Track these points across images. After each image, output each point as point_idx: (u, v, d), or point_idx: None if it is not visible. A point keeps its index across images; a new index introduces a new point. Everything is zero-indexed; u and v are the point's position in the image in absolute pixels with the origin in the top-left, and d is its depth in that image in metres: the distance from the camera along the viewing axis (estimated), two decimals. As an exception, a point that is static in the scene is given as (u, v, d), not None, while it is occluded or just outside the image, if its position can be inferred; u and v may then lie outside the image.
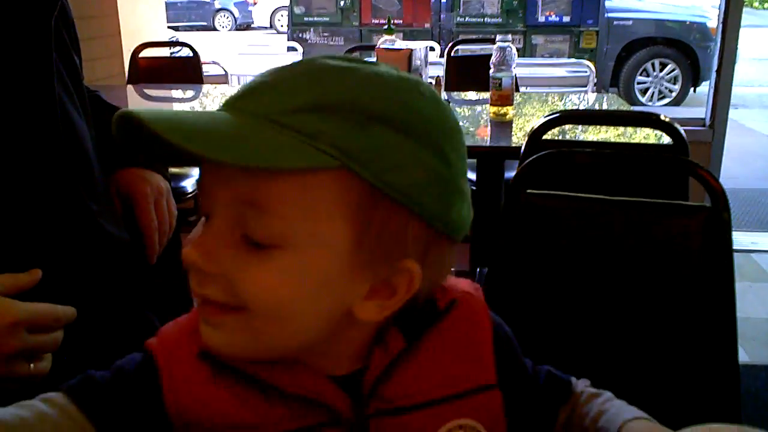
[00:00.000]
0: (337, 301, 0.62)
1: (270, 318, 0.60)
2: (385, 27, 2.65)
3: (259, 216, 0.58)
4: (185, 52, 3.71)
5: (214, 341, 0.62)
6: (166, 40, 4.63)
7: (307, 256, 0.59)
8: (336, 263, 0.60)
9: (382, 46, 2.46)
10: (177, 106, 3.06)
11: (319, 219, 0.58)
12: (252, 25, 16.59)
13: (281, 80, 0.60)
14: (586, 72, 5.90)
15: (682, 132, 1.57)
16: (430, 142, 0.60)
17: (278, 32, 14.43)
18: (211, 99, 3.06)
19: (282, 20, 14.69)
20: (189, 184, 2.86)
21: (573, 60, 7.25)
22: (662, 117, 1.61)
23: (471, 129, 2.43)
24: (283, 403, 0.65)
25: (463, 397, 0.70)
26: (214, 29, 15.61)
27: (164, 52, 4.15)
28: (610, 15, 7.84)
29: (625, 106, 2.94)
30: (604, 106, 3.04)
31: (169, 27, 5.49)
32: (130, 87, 3.33)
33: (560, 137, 2.15)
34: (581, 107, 2.98)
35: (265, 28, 15.41)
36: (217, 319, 0.61)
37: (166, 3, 4.84)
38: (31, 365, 0.83)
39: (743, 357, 2.68)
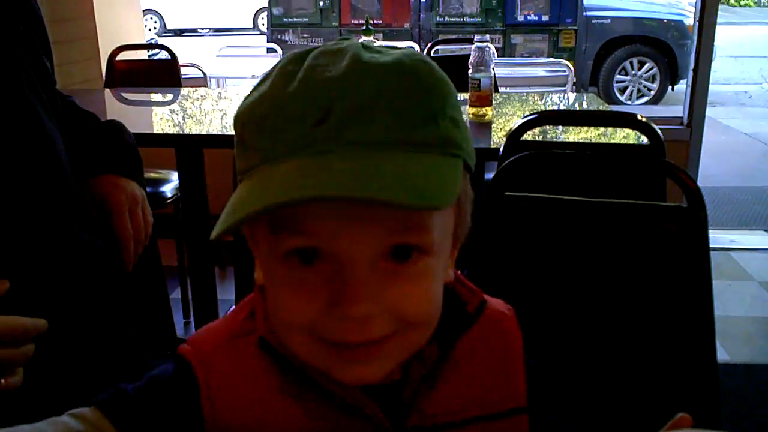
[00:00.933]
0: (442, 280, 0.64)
1: (428, 324, 0.62)
2: (364, 28, 2.64)
3: (415, 235, 0.57)
4: (163, 55, 3.68)
5: (369, 375, 0.61)
6: (144, 42, 4.59)
7: (439, 252, 0.60)
8: (449, 247, 0.63)
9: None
10: (156, 110, 3.04)
11: (446, 214, 0.61)
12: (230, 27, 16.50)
13: (374, 97, 0.55)
14: (564, 71, 5.92)
15: (659, 132, 1.58)
16: (446, 114, 0.59)
17: (262, 33, 14.34)
18: (191, 102, 3.04)
19: (265, 21, 14.65)
20: (168, 189, 2.84)
21: (552, 59, 7.28)
22: (639, 117, 1.62)
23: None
24: (325, 409, 0.64)
25: (496, 419, 0.70)
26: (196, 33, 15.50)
27: (142, 55, 4.12)
28: (589, 13, 7.88)
29: (603, 106, 2.95)
30: (584, 106, 3.06)
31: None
32: (107, 91, 3.30)
33: (540, 137, 2.16)
34: (561, 107, 2.99)
35: (248, 29, 15.30)
36: (373, 354, 0.59)
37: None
38: (2, 380, 0.82)
39: (723, 355, 2.70)
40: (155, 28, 15.63)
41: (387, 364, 0.61)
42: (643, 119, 1.61)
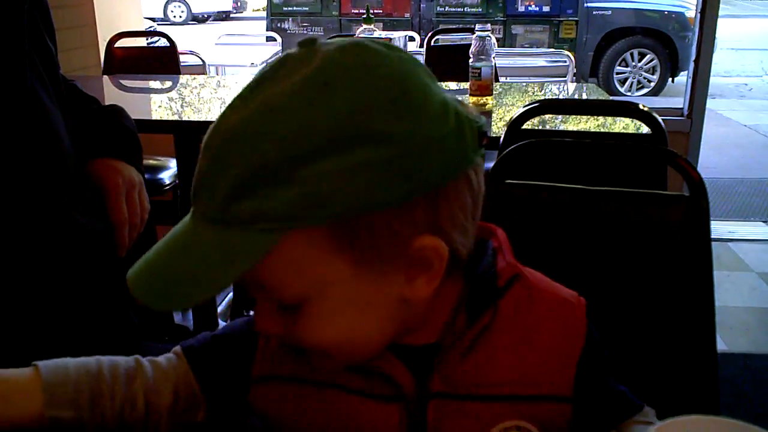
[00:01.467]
0: (385, 304, 0.64)
1: (341, 351, 0.65)
2: (364, 17, 2.63)
3: (272, 291, 0.62)
4: (162, 42, 3.66)
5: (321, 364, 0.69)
6: (143, 29, 4.57)
7: (328, 297, 0.62)
8: (354, 286, 0.62)
9: (361, 36, 2.44)
10: (154, 98, 3.02)
11: (315, 267, 0.60)
12: (231, 15, 16.45)
13: (207, 170, 0.59)
14: (565, 62, 5.91)
15: (661, 122, 1.57)
16: (353, 139, 0.55)
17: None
18: (189, 90, 3.02)
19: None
20: (167, 176, 2.83)
21: (552, 50, 7.27)
22: (641, 106, 1.61)
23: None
24: (351, 369, 0.69)
25: (531, 401, 0.70)
26: (167, 20, 15.42)
27: (141, 42, 4.10)
28: (590, 5, 7.86)
29: (604, 96, 2.94)
30: (584, 96, 3.05)
31: (145, 17, 5.43)
32: (105, 77, 3.28)
33: (540, 127, 2.15)
34: (561, 97, 2.98)
35: (252, 19, 15.24)
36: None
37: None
38: None
39: (720, 345, 2.69)
40: (182, 16, 15.57)
41: (333, 362, 0.68)
42: (645, 108, 1.60)
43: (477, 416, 0.69)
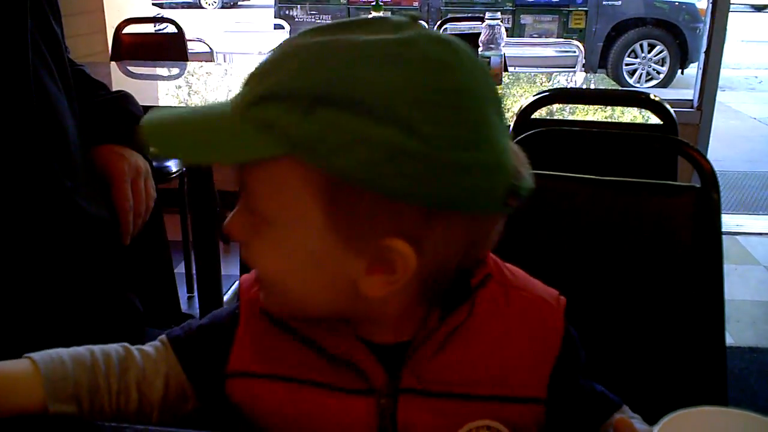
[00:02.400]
0: (335, 275, 0.64)
1: (276, 289, 0.67)
2: (373, 4, 2.62)
3: (250, 195, 0.64)
4: (170, 29, 3.65)
5: (263, 302, 0.70)
6: (151, 16, 4.56)
7: (291, 232, 0.63)
8: (318, 240, 0.62)
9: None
10: (162, 85, 3.02)
11: (291, 199, 0.61)
12: (239, 3, 16.41)
13: (258, 69, 0.63)
14: (574, 52, 5.87)
15: (672, 112, 1.56)
16: (391, 116, 0.56)
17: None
18: (197, 78, 3.02)
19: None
20: (173, 164, 2.82)
21: (562, 40, 7.23)
22: (652, 96, 1.60)
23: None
24: (324, 363, 0.69)
25: (503, 401, 0.69)
26: (200, 6, 15.41)
27: (148, 28, 4.09)
28: (600, -5, 7.80)
29: (614, 86, 2.92)
30: (593, 86, 3.03)
31: (153, 4, 5.42)
32: (113, 64, 3.28)
33: (548, 118, 2.14)
34: (570, 87, 2.96)
35: (260, 6, 15.19)
36: (258, 284, 0.70)
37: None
38: None
39: (727, 339, 2.68)
40: (215, 2, 15.51)
41: (267, 300, 0.70)
42: (657, 99, 1.59)
43: (447, 414, 0.69)
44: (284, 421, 0.71)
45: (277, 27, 6.96)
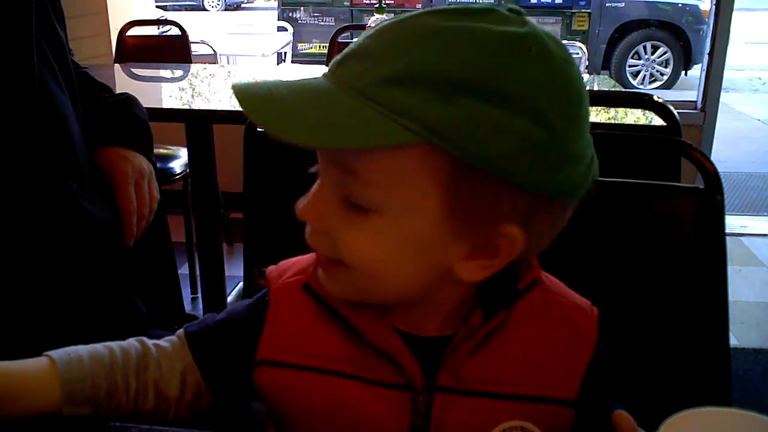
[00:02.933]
0: (434, 262, 0.64)
1: (366, 275, 0.64)
2: (376, 6, 2.62)
3: (356, 182, 0.60)
4: (173, 31, 3.66)
5: (327, 286, 0.68)
6: (154, 18, 4.57)
7: (401, 221, 0.61)
8: (429, 228, 0.61)
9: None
10: (165, 86, 3.03)
11: (410, 188, 0.60)
12: (242, 5, 16.44)
13: (377, 46, 0.60)
14: (578, 54, 5.86)
15: (676, 113, 1.56)
16: (525, 107, 0.57)
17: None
18: (200, 80, 3.02)
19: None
20: (177, 166, 2.83)
21: (565, 42, 7.21)
22: (655, 98, 1.60)
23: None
24: (363, 352, 0.69)
25: (536, 402, 0.70)
26: (204, 9, 15.44)
27: (152, 30, 4.10)
28: (603, -3, 7.80)
29: (617, 88, 2.92)
30: (596, 88, 3.02)
31: (157, 6, 5.43)
32: (117, 66, 3.28)
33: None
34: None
35: (263, 9, 15.20)
36: (328, 269, 0.67)
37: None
38: None
39: (731, 340, 2.68)
40: (218, 5, 15.53)
41: (343, 288, 0.67)
42: (660, 100, 1.59)
43: (481, 413, 0.68)
44: (313, 413, 0.70)
45: (281, 29, 6.97)
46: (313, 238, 0.65)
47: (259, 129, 1.23)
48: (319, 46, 7.84)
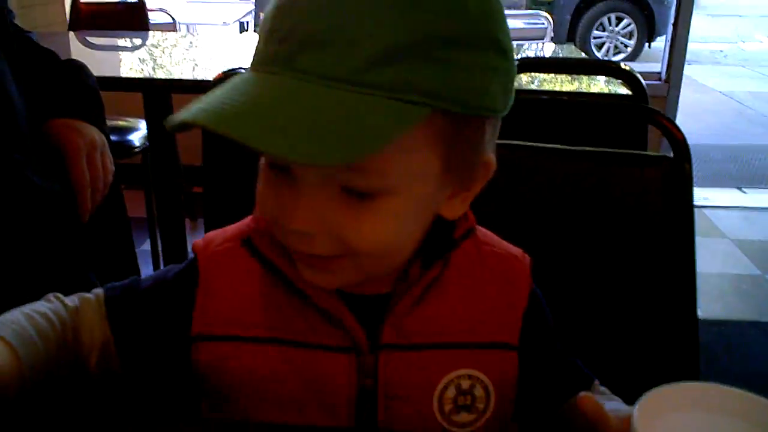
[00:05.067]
0: (429, 215, 0.64)
1: (376, 257, 0.62)
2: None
3: (359, 174, 0.56)
4: (131, -2, 3.55)
5: (318, 281, 0.64)
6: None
7: (408, 194, 0.59)
8: (432, 189, 0.61)
9: None
10: (124, 55, 2.93)
11: (414, 161, 0.58)
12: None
13: (335, 24, 0.53)
14: (543, 24, 5.86)
15: (643, 82, 1.54)
16: (489, 41, 0.57)
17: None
18: (161, 50, 2.93)
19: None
20: (136, 138, 2.75)
21: (530, 11, 7.20)
22: (623, 65, 1.58)
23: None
24: (305, 314, 0.67)
25: (479, 348, 0.70)
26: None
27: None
28: (568, -34, 7.78)
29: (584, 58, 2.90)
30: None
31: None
32: (71, 34, 3.18)
33: (517, 88, 2.11)
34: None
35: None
36: (325, 266, 0.62)
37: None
38: None
39: (695, 310, 2.72)
40: None
41: (342, 277, 0.64)
42: (628, 68, 1.57)
43: (428, 365, 0.69)
44: (257, 385, 0.68)
45: (243, -2, 6.83)
46: (305, 242, 0.60)
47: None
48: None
